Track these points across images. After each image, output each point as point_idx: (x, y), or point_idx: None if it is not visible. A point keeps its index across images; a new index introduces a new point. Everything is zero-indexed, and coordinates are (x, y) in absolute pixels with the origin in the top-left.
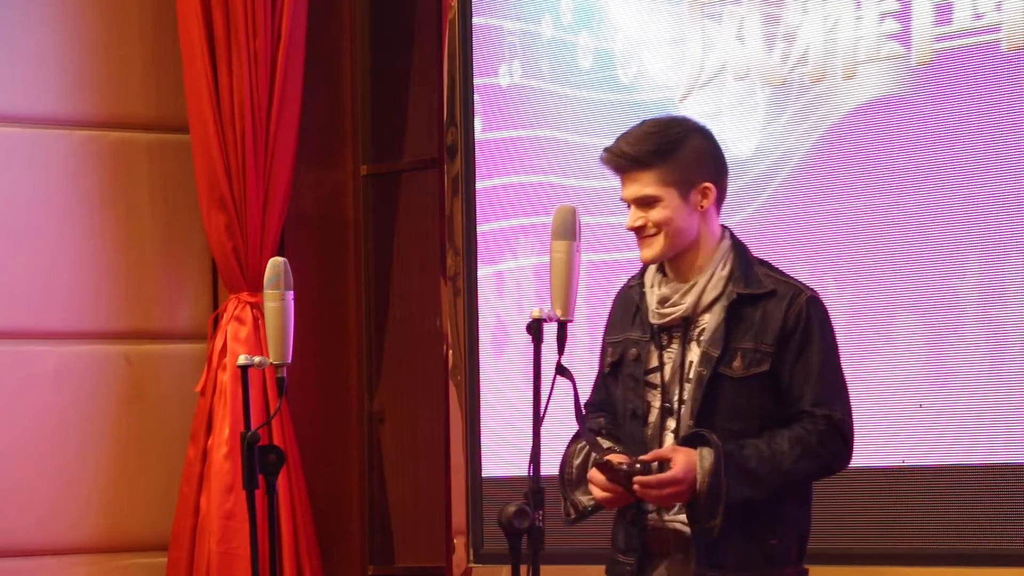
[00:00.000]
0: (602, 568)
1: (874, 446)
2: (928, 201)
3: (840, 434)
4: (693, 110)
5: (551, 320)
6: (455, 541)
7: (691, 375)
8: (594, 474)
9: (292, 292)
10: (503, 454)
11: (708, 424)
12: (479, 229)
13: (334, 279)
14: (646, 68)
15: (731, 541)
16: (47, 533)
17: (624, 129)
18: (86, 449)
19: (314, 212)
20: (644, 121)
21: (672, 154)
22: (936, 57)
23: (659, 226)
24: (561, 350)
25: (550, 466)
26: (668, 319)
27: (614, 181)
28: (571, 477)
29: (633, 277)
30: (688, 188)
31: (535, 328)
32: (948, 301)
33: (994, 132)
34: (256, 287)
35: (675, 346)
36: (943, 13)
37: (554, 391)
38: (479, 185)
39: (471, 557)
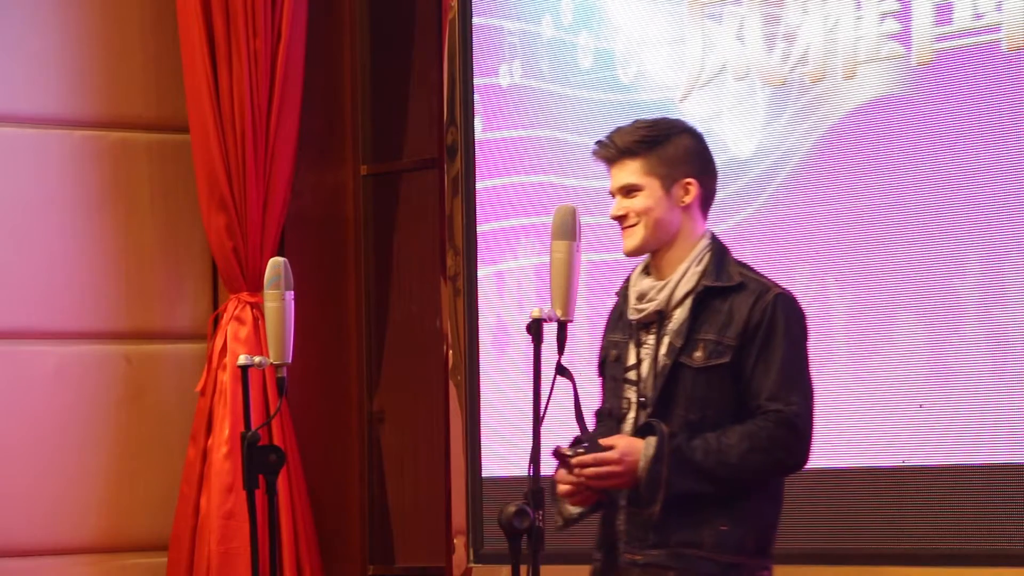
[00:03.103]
0: None
1: (875, 446)
2: (928, 201)
3: (792, 429)
4: (693, 110)
5: (551, 320)
6: (455, 541)
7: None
8: (561, 472)
9: (292, 292)
10: (503, 454)
11: (668, 413)
12: (479, 229)
13: (334, 279)
14: (646, 68)
15: (678, 522)
16: (47, 533)
17: None
18: (86, 449)
19: (314, 212)
20: (639, 119)
21: (658, 146)
22: (936, 57)
23: (640, 215)
24: (561, 350)
25: (550, 466)
26: (643, 314)
27: None
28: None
29: (626, 279)
30: (671, 182)
31: (535, 328)
32: (948, 301)
33: (994, 132)
34: (256, 287)
35: (651, 341)
36: (943, 13)
37: (554, 391)
38: (479, 185)
39: (471, 557)
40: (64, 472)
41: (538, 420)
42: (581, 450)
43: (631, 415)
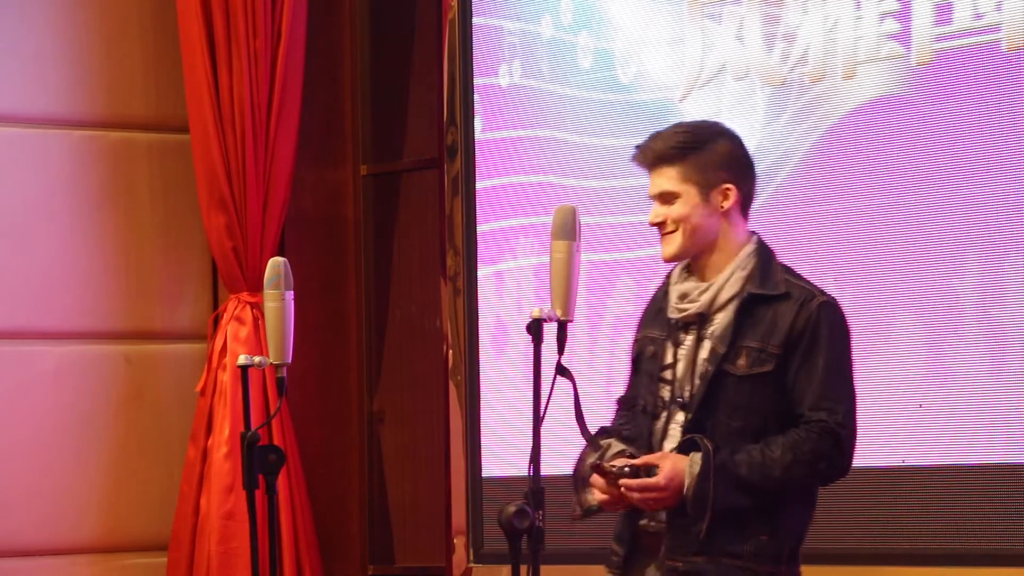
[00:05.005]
0: (603, 568)
1: (874, 446)
2: (928, 201)
3: (835, 439)
4: (693, 110)
5: (551, 320)
6: (455, 541)
7: (700, 371)
8: (595, 477)
9: (292, 292)
10: (503, 454)
11: (710, 420)
12: (479, 229)
13: (334, 279)
14: (646, 68)
15: (720, 532)
16: (47, 533)
17: (624, 129)
18: (86, 449)
19: (314, 212)
20: (678, 123)
21: (695, 153)
22: (936, 57)
23: (677, 223)
24: (561, 350)
25: (550, 466)
26: (684, 314)
27: (614, 181)
28: (582, 475)
29: (667, 276)
30: (709, 188)
31: (535, 328)
32: (948, 301)
33: (994, 132)
34: (256, 287)
35: (689, 342)
36: (943, 13)
37: (554, 391)
38: (479, 185)
39: (471, 557)
40: (64, 472)
41: (538, 420)
42: (626, 468)
43: (664, 413)
